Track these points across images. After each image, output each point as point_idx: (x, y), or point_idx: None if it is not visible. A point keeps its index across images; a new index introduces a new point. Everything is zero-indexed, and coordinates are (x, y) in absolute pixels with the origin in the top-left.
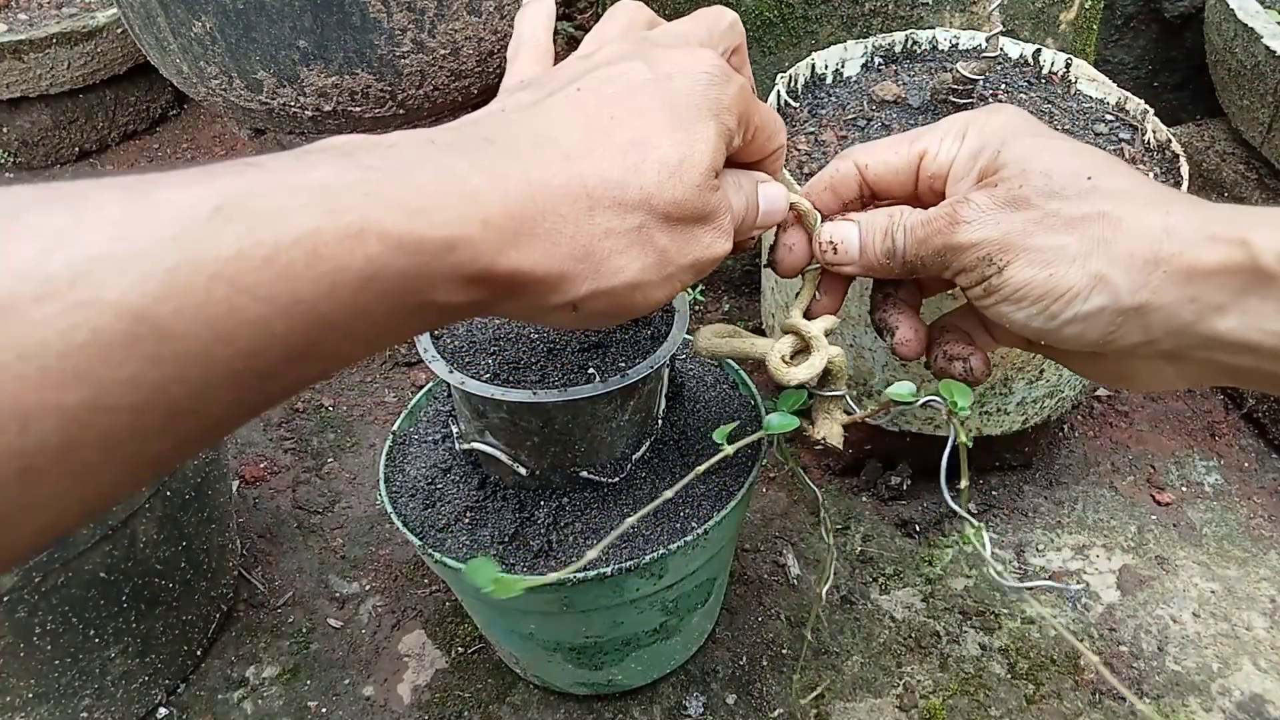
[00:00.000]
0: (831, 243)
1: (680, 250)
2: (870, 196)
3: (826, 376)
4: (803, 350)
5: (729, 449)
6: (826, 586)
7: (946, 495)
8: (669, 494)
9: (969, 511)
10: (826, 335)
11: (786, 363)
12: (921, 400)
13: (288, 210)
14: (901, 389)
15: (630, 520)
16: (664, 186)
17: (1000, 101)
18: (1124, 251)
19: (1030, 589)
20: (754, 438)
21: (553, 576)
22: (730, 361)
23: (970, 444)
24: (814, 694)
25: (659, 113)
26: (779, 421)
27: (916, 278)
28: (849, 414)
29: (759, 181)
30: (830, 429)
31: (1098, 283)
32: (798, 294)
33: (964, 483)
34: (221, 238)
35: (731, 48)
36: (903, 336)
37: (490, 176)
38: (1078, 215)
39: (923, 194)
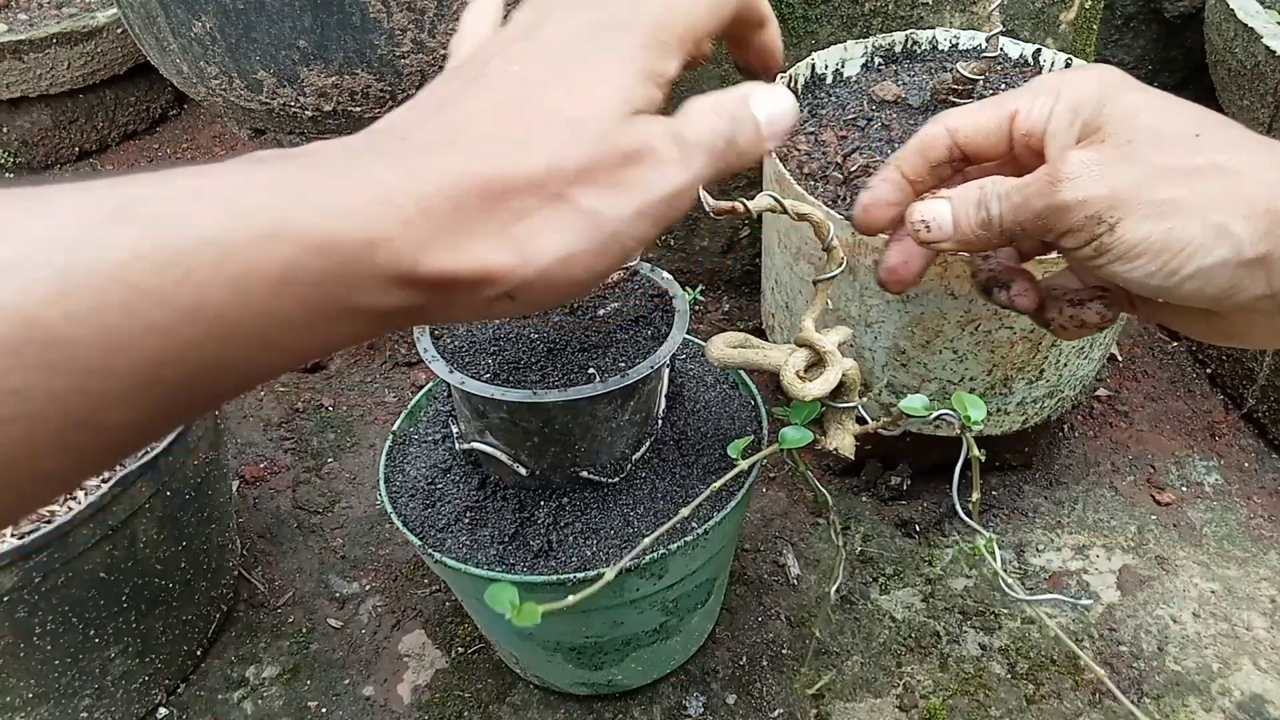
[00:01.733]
0: (924, 221)
1: (615, 204)
2: (962, 159)
3: (840, 388)
4: (816, 364)
5: (744, 464)
6: (835, 586)
7: (959, 508)
8: (685, 512)
9: (976, 509)
10: (839, 347)
11: (801, 377)
12: (934, 414)
13: (192, 212)
14: (914, 402)
15: (646, 540)
16: (567, 146)
17: None
18: (1243, 202)
19: (1039, 601)
20: (769, 452)
21: (570, 600)
22: None
23: (983, 458)
24: (817, 686)
25: (569, 79)
26: (795, 436)
27: (1015, 246)
28: (861, 424)
29: (747, 96)
30: (843, 439)
31: (1218, 235)
32: (810, 303)
33: (976, 495)
34: (118, 239)
35: None
36: (1020, 289)
37: (405, 175)
38: (1191, 167)
39: (1019, 154)
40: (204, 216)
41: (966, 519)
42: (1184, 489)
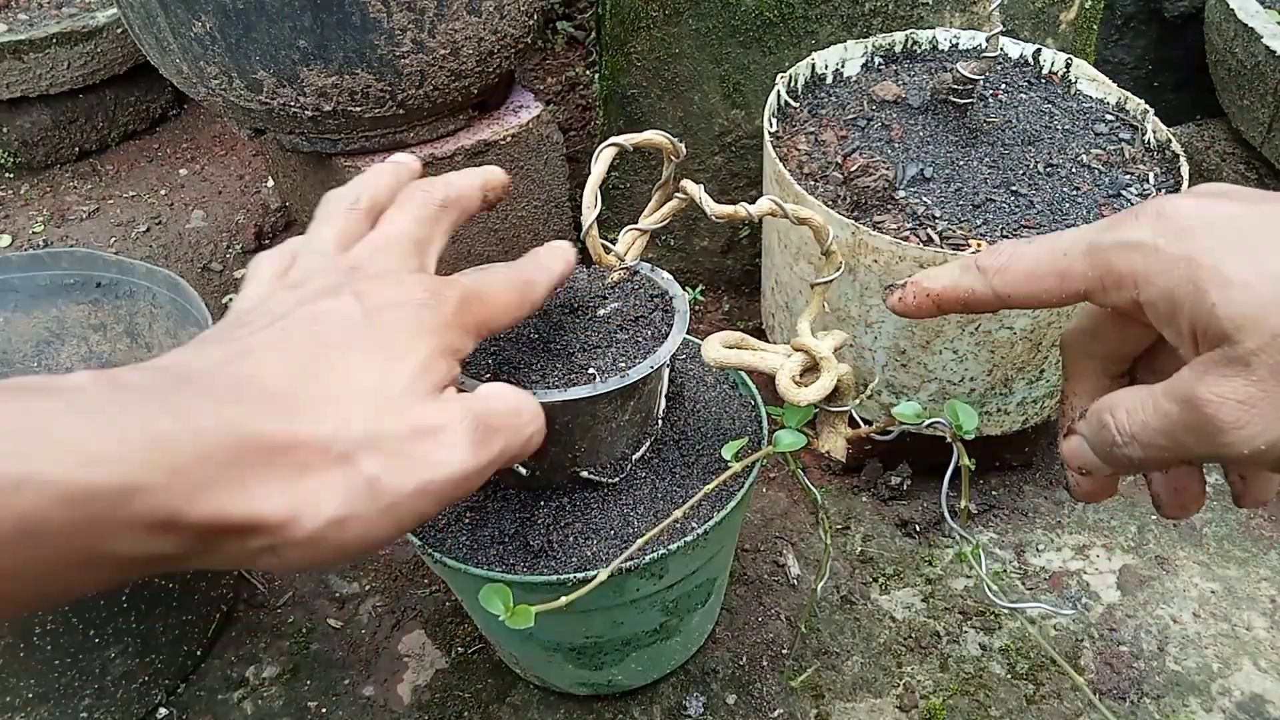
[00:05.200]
0: (1079, 468)
1: (397, 477)
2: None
3: (834, 392)
4: (812, 368)
5: (736, 466)
6: (822, 582)
7: (948, 516)
8: (678, 514)
9: (969, 512)
10: (835, 351)
11: (797, 382)
12: (927, 422)
13: None
14: (907, 409)
15: (640, 540)
16: (359, 411)
17: (1001, 101)
18: None
19: (1023, 609)
20: (762, 455)
21: (564, 601)
22: None
23: (973, 467)
24: (801, 679)
25: (365, 347)
26: (789, 440)
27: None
28: (854, 428)
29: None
30: (835, 442)
31: None
32: (807, 306)
33: (964, 503)
34: None
35: (449, 225)
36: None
37: (182, 419)
38: None
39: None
40: None
41: (954, 525)
42: None
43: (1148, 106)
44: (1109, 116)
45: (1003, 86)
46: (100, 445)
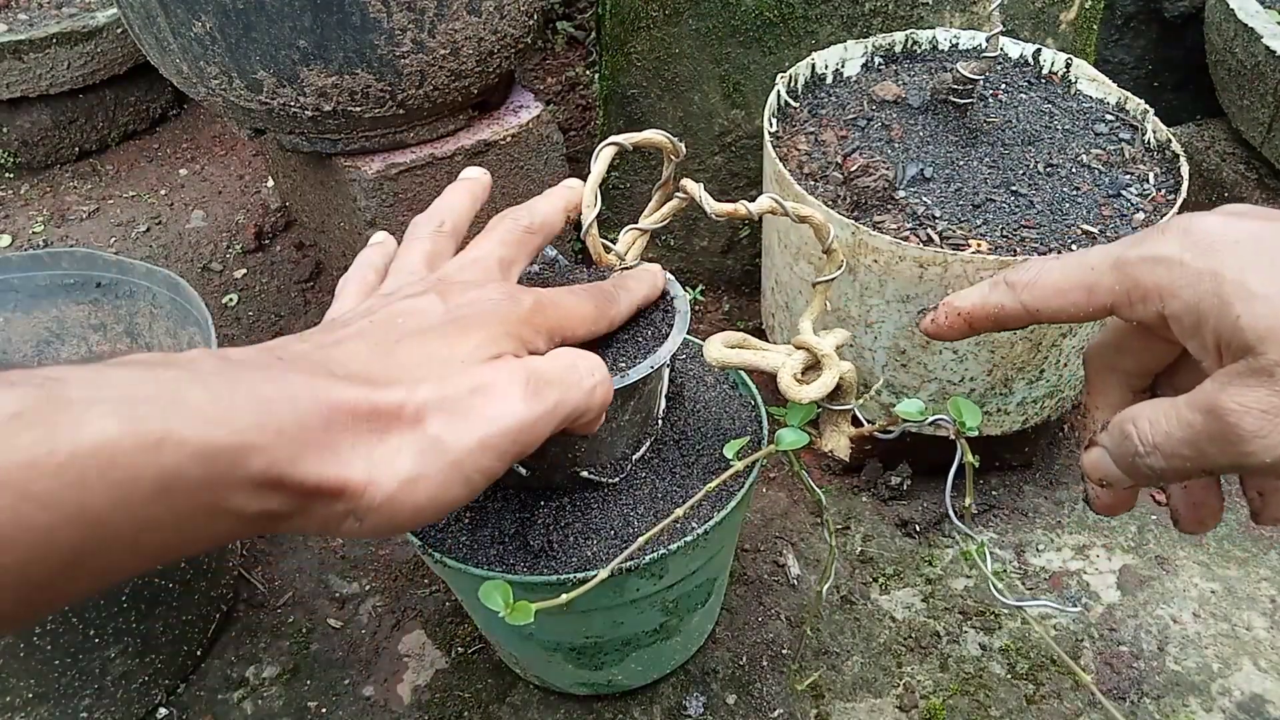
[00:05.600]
0: (1100, 479)
1: (458, 433)
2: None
3: (837, 391)
4: (814, 366)
5: (739, 465)
6: (828, 584)
7: (951, 514)
8: (679, 513)
9: (971, 512)
10: (837, 350)
11: (798, 380)
12: (930, 419)
13: (86, 419)
14: (910, 407)
15: (640, 540)
16: (425, 377)
17: (1001, 101)
18: None
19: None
20: (764, 454)
21: (565, 598)
22: None
23: (977, 464)
24: (808, 683)
25: (441, 331)
26: (792, 438)
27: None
28: (857, 426)
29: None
30: (838, 441)
31: None
32: (808, 305)
33: (969, 501)
34: (17, 443)
35: (533, 248)
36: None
37: (281, 388)
38: None
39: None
40: (99, 424)
41: (957, 523)
42: None
43: (1148, 106)
44: (1109, 116)
45: (1003, 86)
46: (221, 409)
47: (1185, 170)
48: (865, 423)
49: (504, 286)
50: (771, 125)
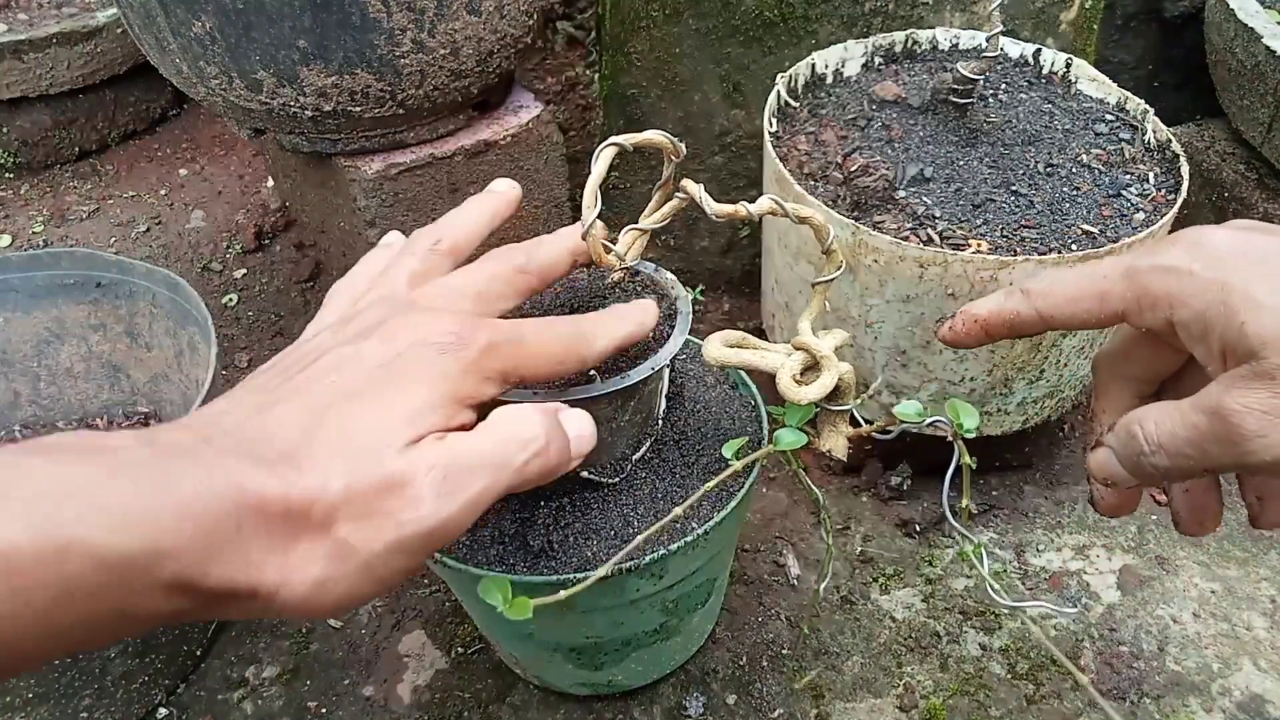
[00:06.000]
0: (1105, 479)
1: (367, 537)
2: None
3: (835, 391)
4: (813, 367)
5: (737, 465)
6: (825, 583)
7: (949, 515)
8: (678, 512)
9: (970, 512)
10: (836, 350)
11: (797, 381)
12: (928, 420)
13: None
14: (908, 408)
15: (640, 538)
16: (336, 475)
17: (1001, 101)
18: None
19: (1025, 608)
20: (763, 454)
21: (563, 594)
22: None
23: (974, 465)
24: (805, 681)
25: (372, 393)
26: (790, 439)
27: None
28: (855, 427)
29: (557, 411)
30: (836, 441)
31: None
32: (808, 306)
33: (965, 502)
34: None
35: (524, 289)
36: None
37: (201, 483)
38: None
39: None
40: (3, 526)
41: (955, 524)
42: None
43: (1148, 106)
44: (1109, 116)
45: (1003, 86)
46: (134, 512)
47: (1185, 170)
48: (864, 423)
49: (459, 322)
50: (771, 125)
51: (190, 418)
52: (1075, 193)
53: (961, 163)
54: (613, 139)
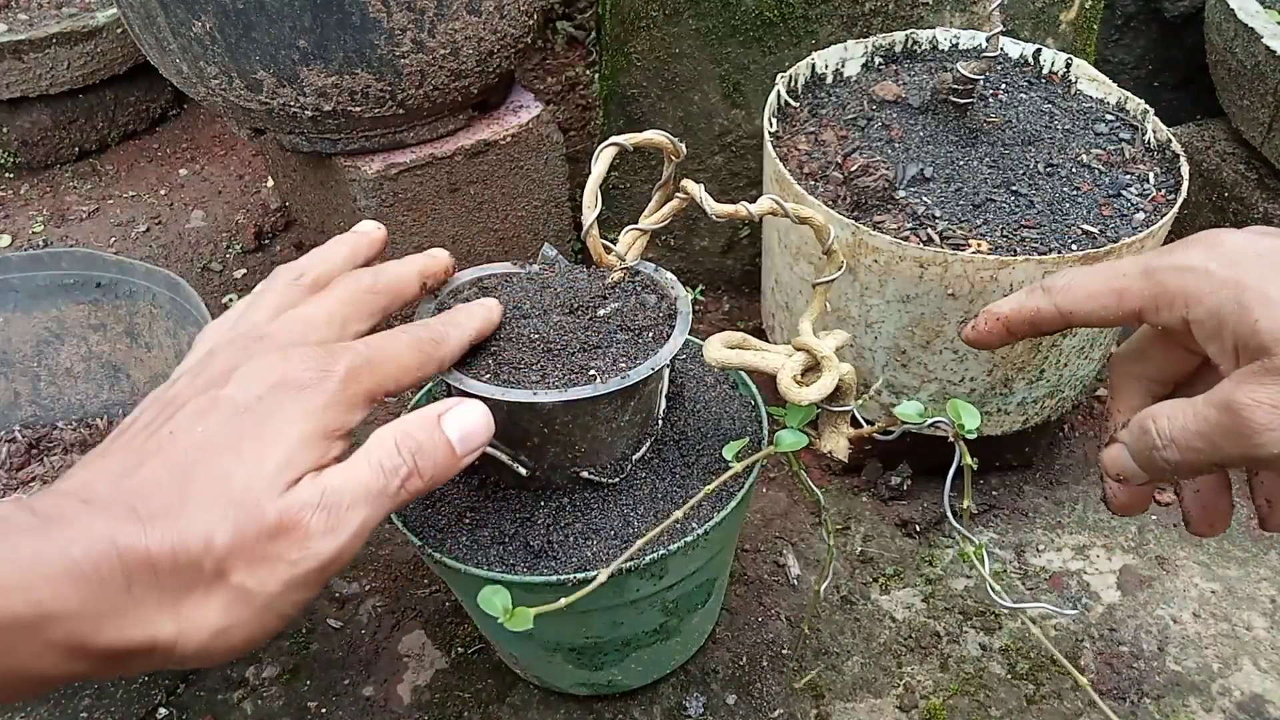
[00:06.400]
0: (1118, 475)
1: (263, 580)
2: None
3: (836, 392)
4: (814, 368)
5: (737, 466)
6: (827, 584)
7: (950, 516)
8: (678, 514)
9: (970, 512)
10: (837, 351)
11: (798, 382)
12: (929, 421)
13: None
14: (909, 409)
15: (640, 542)
16: (221, 524)
17: (1001, 101)
18: None
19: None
20: (763, 455)
21: (564, 602)
22: None
23: (975, 466)
24: (805, 680)
25: (239, 442)
26: (791, 440)
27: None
28: (856, 427)
29: (440, 415)
30: (836, 442)
31: None
32: (808, 306)
33: (966, 503)
34: None
35: (376, 309)
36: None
37: (86, 544)
38: None
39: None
40: None
41: (955, 525)
42: None
43: (1148, 106)
44: (1109, 116)
45: (1003, 86)
46: (21, 575)
47: (1185, 170)
48: (864, 424)
49: (311, 356)
50: (771, 125)
51: (63, 484)
52: (1075, 193)
53: (961, 163)
54: (613, 139)
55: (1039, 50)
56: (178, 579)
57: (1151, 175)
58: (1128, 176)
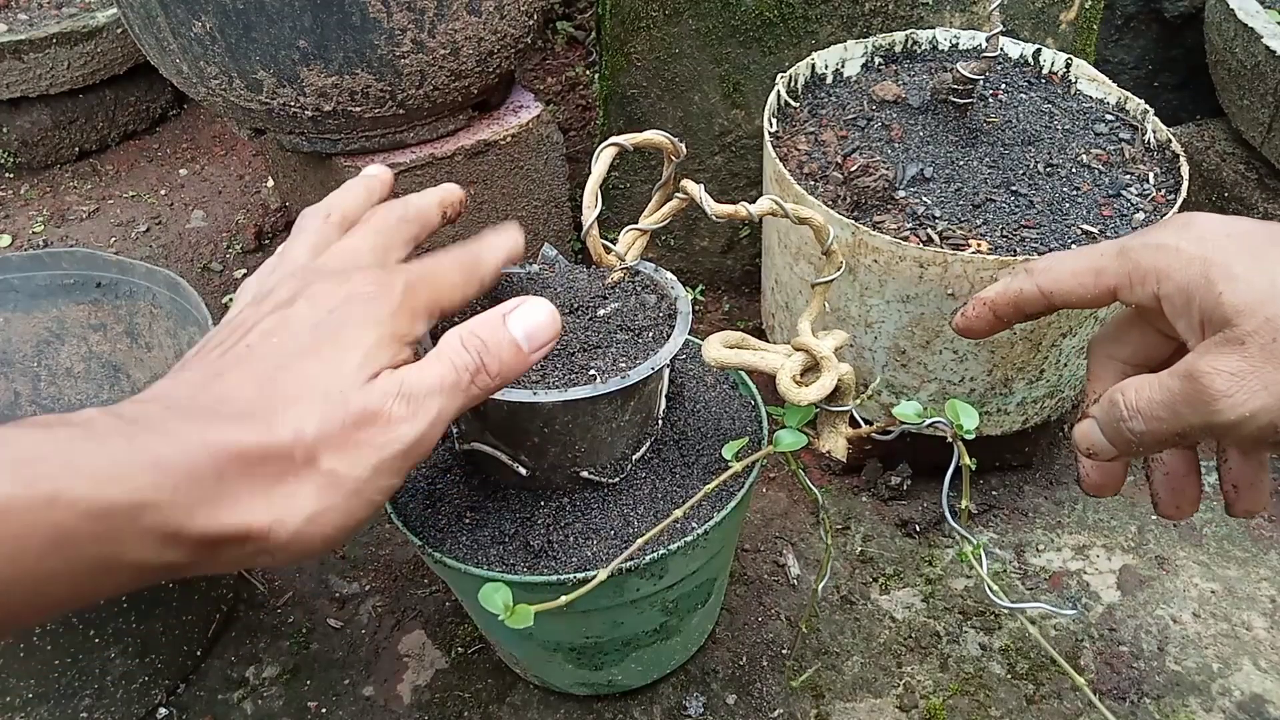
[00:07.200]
0: (1087, 449)
1: (352, 464)
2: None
3: (835, 392)
4: (813, 368)
5: (737, 466)
6: (823, 583)
7: (949, 516)
8: (678, 513)
9: (969, 512)
10: (836, 351)
11: (797, 382)
12: (927, 421)
13: None
14: (907, 409)
15: (639, 541)
16: (309, 416)
17: (1001, 101)
18: None
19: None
20: (763, 454)
21: (563, 600)
22: None
23: (974, 466)
24: (802, 679)
25: (317, 348)
26: (790, 439)
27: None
28: (855, 427)
29: (505, 315)
30: (835, 442)
31: None
32: (808, 306)
33: (965, 503)
34: None
35: (409, 237)
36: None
37: (174, 443)
38: None
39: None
40: None
41: (954, 525)
42: None
43: (1148, 106)
44: (1109, 116)
45: (1003, 86)
46: (114, 468)
47: (1185, 170)
48: (863, 423)
49: (374, 275)
50: (771, 125)
51: (145, 394)
52: (1075, 193)
53: (961, 163)
54: (613, 139)
55: (1039, 50)
56: (269, 469)
57: (1151, 175)
58: (1128, 176)
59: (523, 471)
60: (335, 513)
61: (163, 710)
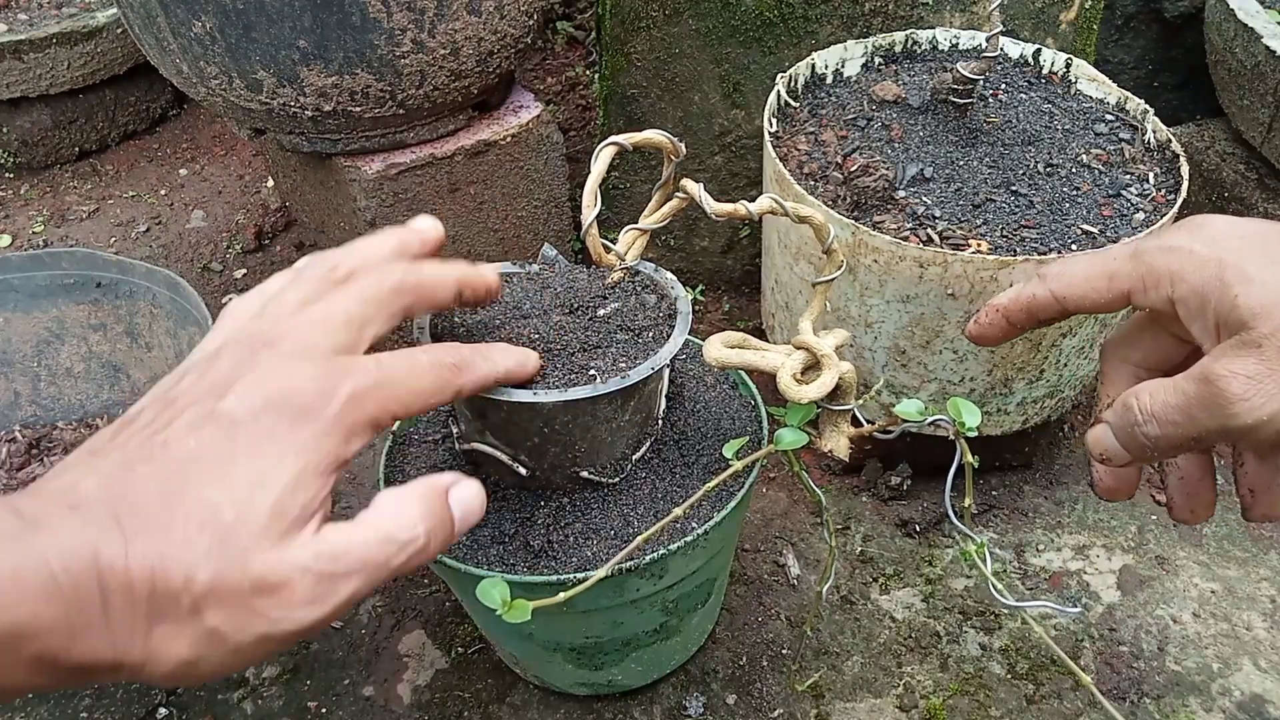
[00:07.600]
0: (1101, 454)
1: (238, 628)
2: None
3: (836, 391)
4: (814, 366)
5: (738, 465)
6: (828, 584)
7: (951, 514)
8: (678, 512)
9: (970, 512)
10: (837, 350)
11: (798, 380)
12: (929, 419)
13: None
14: (909, 407)
15: (639, 539)
16: (206, 561)
17: (1001, 101)
18: None
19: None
20: (764, 454)
21: (562, 596)
22: None
23: (976, 464)
24: (808, 683)
25: (234, 465)
26: (791, 438)
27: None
28: (856, 426)
29: (448, 488)
30: (837, 441)
31: None
32: (808, 305)
33: (968, 502)
34: None
35: (399, 309)
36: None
37: (68, 558)
38: None
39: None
40: None
41: (957, 523)
42: None
43: (1148, 106)
44: (1109, 116)
45: (1003, 86)
46: (1, 583)
47: (1185, 170)
48: (865, 423)
49: (321, 372)
50: (771, 125)
51: (51, 483)
52: (1075, 193)
53: (961, 163)
54: (613, 139)
55: (1039, 50)
56: (153, 605)
57: (1151, 175)
58: (1128, 176)
59: (522, 471)
60: (209, 664)
61: (162, 710)
